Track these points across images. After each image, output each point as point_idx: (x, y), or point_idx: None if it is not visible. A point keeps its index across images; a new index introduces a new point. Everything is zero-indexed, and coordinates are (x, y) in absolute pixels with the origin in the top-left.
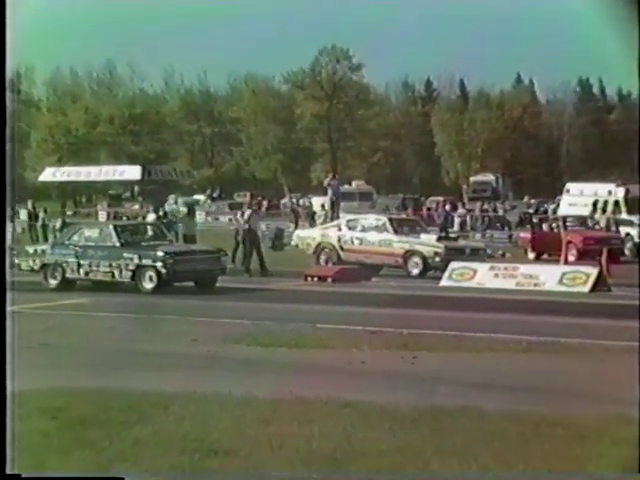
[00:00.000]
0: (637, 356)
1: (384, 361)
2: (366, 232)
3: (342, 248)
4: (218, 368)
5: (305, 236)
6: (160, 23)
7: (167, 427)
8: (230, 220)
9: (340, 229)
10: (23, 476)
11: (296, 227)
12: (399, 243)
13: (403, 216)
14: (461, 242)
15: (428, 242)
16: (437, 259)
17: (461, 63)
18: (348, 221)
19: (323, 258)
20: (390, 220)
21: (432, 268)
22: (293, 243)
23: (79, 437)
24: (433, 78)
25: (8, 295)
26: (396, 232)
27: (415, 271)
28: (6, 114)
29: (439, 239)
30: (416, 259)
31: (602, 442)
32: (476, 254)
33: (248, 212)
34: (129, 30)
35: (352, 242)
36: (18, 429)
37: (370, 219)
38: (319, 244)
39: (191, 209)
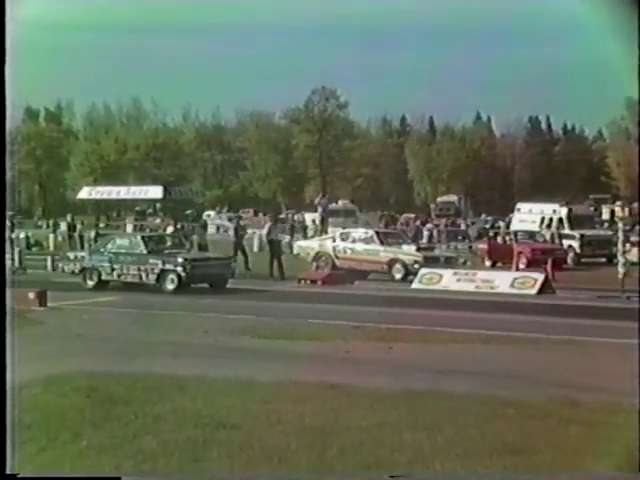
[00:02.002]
0: (576, 347)
1: (365, 351)
2: (356, 243)
3: (337, 256)
4: (226, 356)
5: (305, 246)
6: (179, 68)
7: (183, 405)
8: (254, 233)
9: (335, 240)
10: (22, 476)
11: (292, 238)
12: (384, 252)
13: (389, 229)
14: (436, 252)
15: (409, 252)
16: (416, 266)
17: (430, 103)
18: (341, 234)
19: (321, 265)
20: (377, 233)
21: (412, 274)
22: (295, 252)
23: (109, 412)
24: (407, 115)
25: (55, 294)
26: (382, 243)
27: (398, 276)
28: (6, 120)
29: (418, 249)
30: (399, 266)
31: (549, 421)
32: (449, 262)
33: (268, 225)
34: (153, 73)
35: (345, 251)
36: (58, 405)
37: (360, 232)
38: (317, 253)
39: (205, 223)
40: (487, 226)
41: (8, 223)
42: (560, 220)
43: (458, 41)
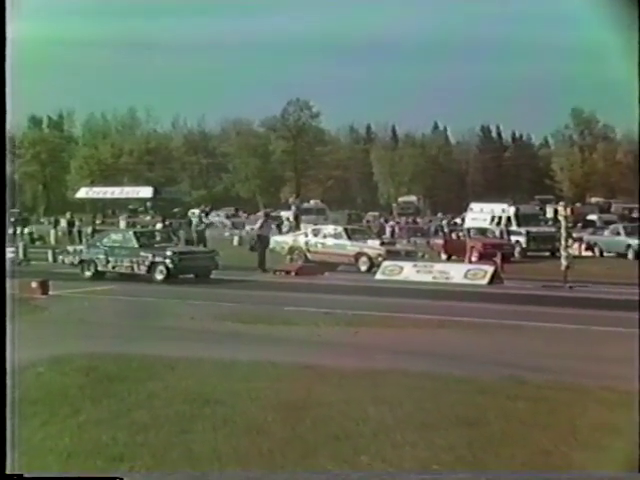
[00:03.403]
0: (523, 331)
1: (334, 334)
2: (327, 238)
3: (309, 250)
4: (210, 339)
5: (280, 241)
6: (169, 81)
7: (173, 383)
8: (252, 229)
9: (307, 236)
10: (24, 476)
11: None
12: (352, 247)
13: (355, 226)
14: (398, 246)
15: (373, 246)
16: (380, 259)
17: (393, 113)
18: (313, 230)
19: (294, 258)
20: (345, 229)
21: (376, 266)
22: (271, 246)
23: (106, 390)
24: (372, 124)
25: (56, 283)
26: (349, 238)
27: (364, 268)
28: (6, 120)
29: (382, 244)
30: (364, 259)
31: (498, 396)
32: (409, 255)
33: (260, 221)
34: (146, 85)
35: (316, 246)
36: (60, 383)
37: (329, 228)
38: (291, 247)
39: (190, 220)
40: (443, 223)
41: (12, 219)
42: (509, 218)
43: (417, 58)
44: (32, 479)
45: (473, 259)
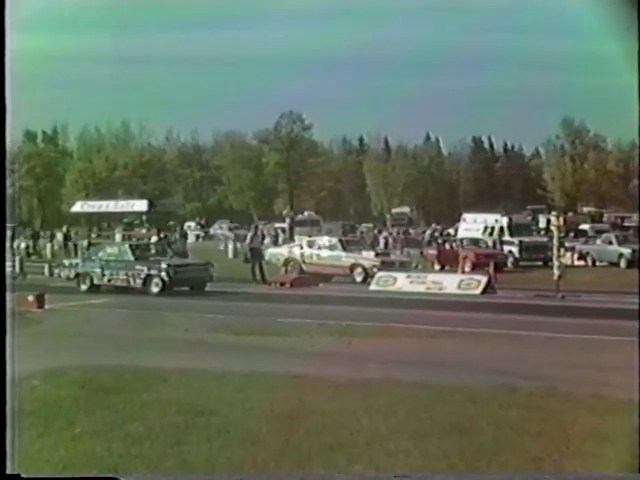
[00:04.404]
0: (515, 340)
1: (327, 345)
2: (322, 250)
3: (304, 262)
4: (204, 350)
5: (276, 253)
6: (162, 94)
7: (166, 394)
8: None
9: (302, 247)
10: (23, 476)
11: (261, 245)
12: (347, 258)
13: (350, 237)
14: (392, 257)
15: (368, 257)
16: (375, 270)
17: (385, 124)
18: (308, 241)
19: (290, 269)
20: (340, 241)
21: (371, 277)
22: (267, 258)
23: (101, 401)
24: (365, 136)
25: (52, 297)
26: (344, 249)
27: (359, 279)
28: (6, 135)
29: (376, 255)
30: (359, 270)
31: (491, 405)
32: (403, 266)
33: (250, 234)
34: (140, 99)
35: (311, 257)
36: (55, 395)
37: (324, 240)
38: (287, 259)
39: (184, 233)
40: (436, 234)
41: (9, 233)
42: (501, 228)
43: (409, 69)
44: (30, 479)
45: (466, 269)
